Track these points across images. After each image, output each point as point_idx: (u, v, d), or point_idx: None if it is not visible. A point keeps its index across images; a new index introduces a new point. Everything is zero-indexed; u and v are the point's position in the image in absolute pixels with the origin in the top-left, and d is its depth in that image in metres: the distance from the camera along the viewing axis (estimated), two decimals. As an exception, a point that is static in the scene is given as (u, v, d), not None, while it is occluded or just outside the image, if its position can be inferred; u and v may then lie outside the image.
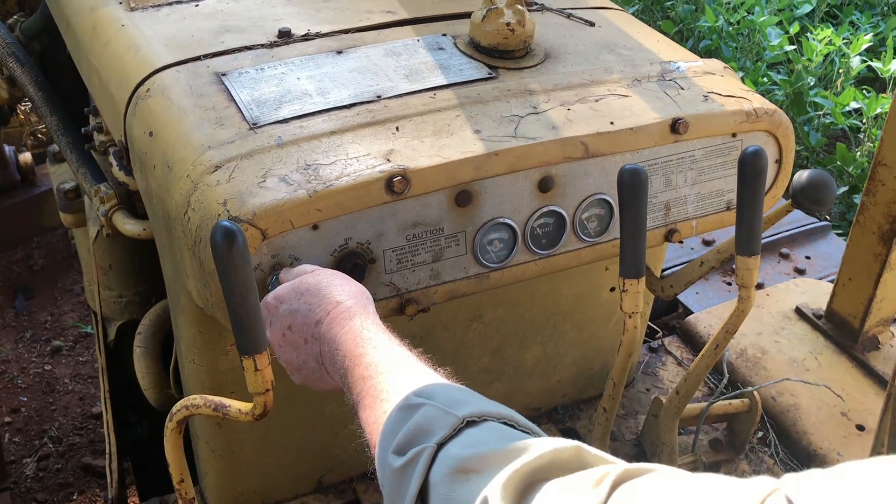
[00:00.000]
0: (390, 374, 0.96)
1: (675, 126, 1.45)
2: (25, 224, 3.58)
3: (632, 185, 1.23)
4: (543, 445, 0.76)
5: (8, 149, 3.41)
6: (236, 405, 1.11)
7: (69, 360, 3.33)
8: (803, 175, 1.36)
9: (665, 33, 5.02)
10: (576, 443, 0.76)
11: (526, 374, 2.00)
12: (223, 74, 1.47)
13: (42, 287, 3.60)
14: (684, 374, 1.64)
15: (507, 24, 1.51)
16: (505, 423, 0.85)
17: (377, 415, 0.92)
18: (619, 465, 0.71)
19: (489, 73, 1.51)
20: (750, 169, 1.25)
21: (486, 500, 0.72)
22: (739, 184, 1.28)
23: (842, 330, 2.29)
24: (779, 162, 1.59)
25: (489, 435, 0.82)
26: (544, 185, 1.40)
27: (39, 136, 3.34)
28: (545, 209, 1.43)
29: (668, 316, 2.76)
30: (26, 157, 3.47)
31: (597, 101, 1.47)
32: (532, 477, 0.73)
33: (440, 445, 0.81)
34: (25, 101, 2.81)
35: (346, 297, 1.10)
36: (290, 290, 1.14)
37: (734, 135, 1.52)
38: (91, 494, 2.84)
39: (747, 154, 1.24)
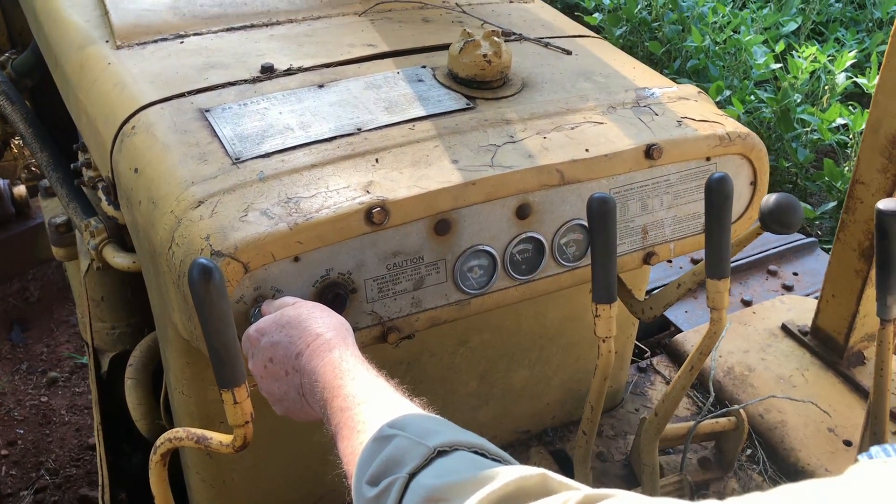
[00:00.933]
0: (367, 406, 0.99)
1: (650, 152, 1.48)
2: (21, 256, 3.61)
3: (600, 212, 1.26)
4: (510, 474, 0.78)
5: (2, 182, 3.45)
6: (217, 437, 1.13)
7: (65, 391, 3.35)
8: (770, 199, 1.39)
9: (653, 54, 5.09)
10: (541, 470, 0.78)
11: (514, 397, 2.02)
12: (207, 110, 1.50)
13: (38, 319, 3.62)
14: (662, 395, 1.66)
15: (484, 55, 1.54)
16: (476, 452, 0.87)
17: (354, 446, 0.94)
18: (581, 492, 0.73)
19: (467, 104, 1.54)
20: (716, 195, 1.28)
21: None
22: (706, 209, 1.31)
23: (827, 346, 2.31)
24: (754, 184, 1.62)
25: (459, 464, 0.84)
26: (522, 213, 1.43)
27: (33, 169, 3.37)
28: (524, 235, 1.45)
29: (661, 335, 2.78)
30: (21, 190, 3.51)
31: (572, 128, 1.51)
32: None
33: (412, 475, 0.84)
34: (19, 136, 2.85)
35: (325, 329, 1.12)
36: (272, 323, 1.16)
37: (708, 158, 1.55)
38: (87, 526, 2.85)
39: (713, 180, 1.28)
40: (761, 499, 0.60)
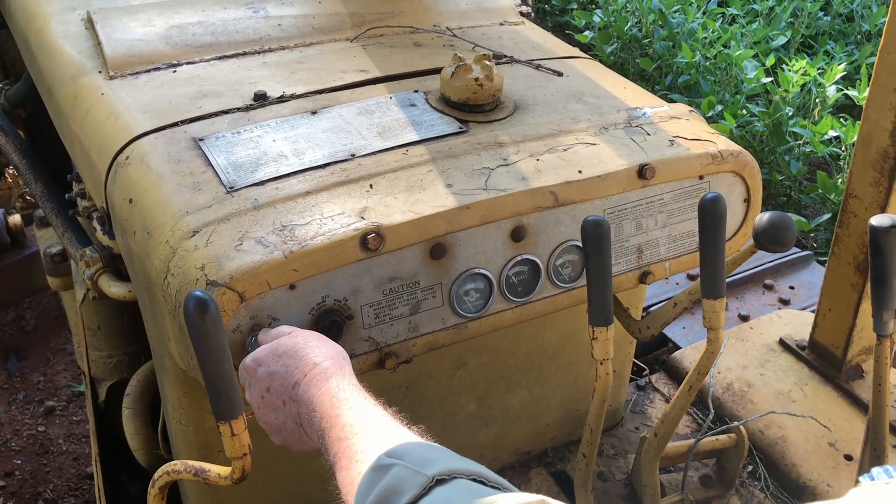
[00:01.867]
0: (365, 435, 0.98)
1: (643, 172, 1.49)
2: (16, 285, 3.60)
3: (594, 235, 1.26)
4: (508, 501, 0.77)
5: (-3, 212, 3.45)
6: (215, 470, 1.13)
7: (63, 420, 3.33)
8: (763, 217, 1.40)
9: (644, 70, 5.11)
10: (540, 497, 0.78)
11: (514, 418, 2.01)
12: (200, 139, 1.50)
13: (34, 348, 3.61)
14: (661, 415, 1.66)
15: (476, 79, 1.55)
16: (474, 480, 0.87)
17: (352, 476, 0.94)
18: None
19: (460, 128, 1.55)
20: (709, 215, 1.28)
21: None
22: (700, 230, 1.31)
23: (825, 360, 2.31)
24: (747, 201, 1.63)
25: (458, 493, 0.83)
26: (517, 235, 1.43)
27: (28, 198, 3.38)
28: (519, 258, 1.46)
29: (659, 351, 2.78)
30: (15, 218, 3.51)
31: (565, 150, 1.51)
32: None
33: None
34: (12, 167, 2.85)
35: (322, 358, 1.12)
36: (268, 353, 1.16)
37: (701, 177, 1.56)
38: (86, 556, 2.82)
39: (706, 201, 1.28)
40: None
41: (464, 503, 0.80)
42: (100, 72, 1.73)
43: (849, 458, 2.07)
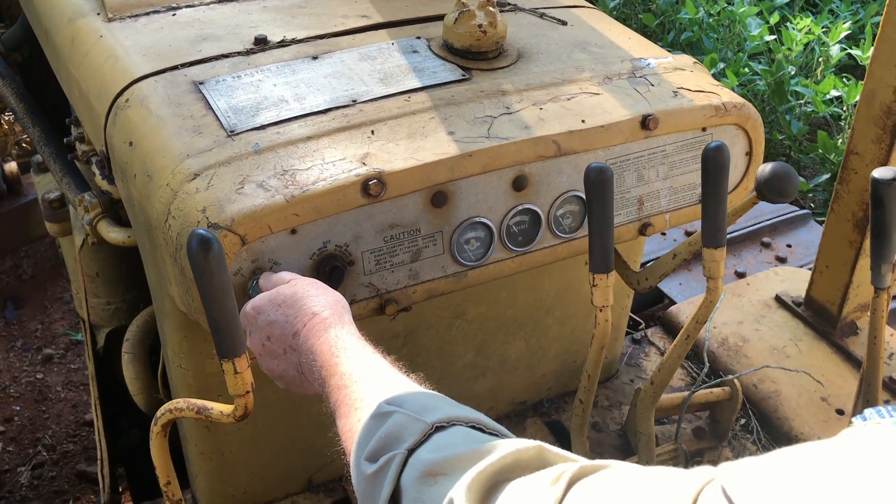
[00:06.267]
0: (364, 383, 0.99)
1: (646, 122, 1.48)
2: (13, 233, 3.60)
3: (598, 182, 1.26)
4: (507, 447, 0.78)
5: (-7, 159, 3.43)
6: (218, 407, 1.14)
7: (61, 367, 3.35)
8: (766, 168, 1.39)
9: (646, 26, 5.06)
10: (537, 443, 0.79)
11: (511, 368, 2.03)
12: (200, 83, 1.49)
13: (31, 296, 3.62)
14: (658, 364, 1.68)
15: (479, 25, 1.53)
16: (473, 427, 0.88)
17: (352, 423, 0.95)
18: (576, 463, 0.74)
19: (463, 75, 1.53)
20: (712, 164, 1.28)
21: (451, 502, 0.75)
22: (703, 178, 1.31)
23: (821, 316, 2.32)
24: (749, 154, 1.62)
25: (457, 439, 0.84)
26: (518, 184, 1.43)
27: (24, 145, 3.35)
28: (520, 207, 1.45)
29: (655, 307, 2.80)
30: (12, 166, 3.49)
31: (568, 99, 1.50)
32: (496, 478, 0.76)
33: (410, 451, 0.84)
34: (9, 112, 2.82)
35: (322, 307, 1.12)
36: (268, 301, 1.16)
37: (704, 129, 1.55)
38: (86, 501, 2.86)
39: (710, 149, 1.28)
40: (755, 463, 0.61)
41: (463, 448, 0.81)
42: (98, 14, 1.71)
43: (840, 412, 2.09)
